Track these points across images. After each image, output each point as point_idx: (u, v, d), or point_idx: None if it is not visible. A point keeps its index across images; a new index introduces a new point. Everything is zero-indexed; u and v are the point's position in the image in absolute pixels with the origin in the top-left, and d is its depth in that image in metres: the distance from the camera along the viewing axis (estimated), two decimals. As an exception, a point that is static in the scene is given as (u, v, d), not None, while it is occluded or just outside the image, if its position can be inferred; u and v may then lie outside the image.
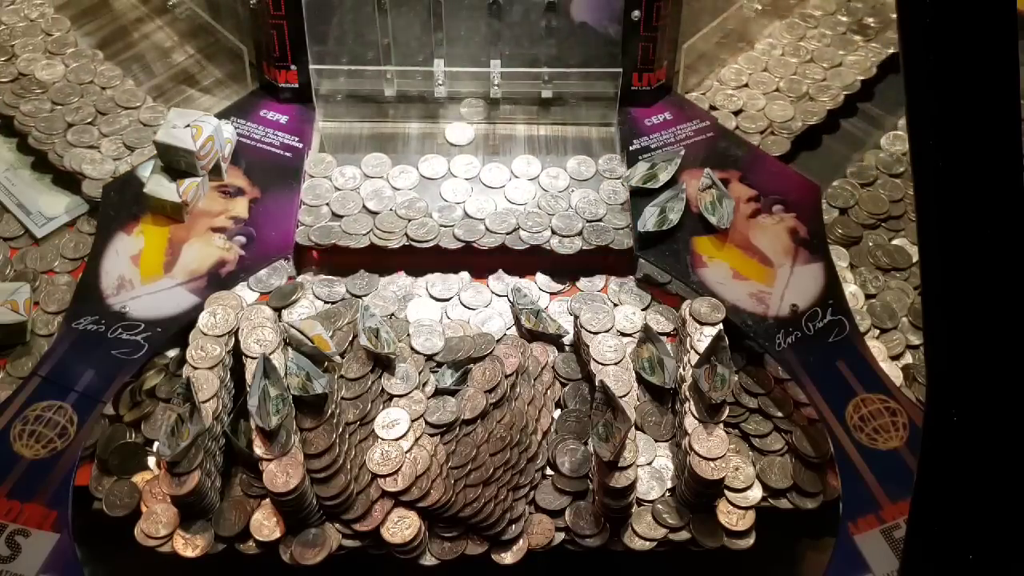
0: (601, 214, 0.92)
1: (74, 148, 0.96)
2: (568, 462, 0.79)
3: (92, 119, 0.99)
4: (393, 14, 0.96)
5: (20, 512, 0.73)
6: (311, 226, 0.90)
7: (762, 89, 1.05)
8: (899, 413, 0.79)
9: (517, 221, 0.91)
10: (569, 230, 0.90)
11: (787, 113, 1.02)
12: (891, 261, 0.93)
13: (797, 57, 1.08)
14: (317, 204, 0.92)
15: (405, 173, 0.95)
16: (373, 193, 0.93)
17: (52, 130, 0.97)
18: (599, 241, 0.90)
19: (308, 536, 0.75)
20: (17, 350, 0.85)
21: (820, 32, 1.10)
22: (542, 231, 0.91)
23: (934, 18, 0.50)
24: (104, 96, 1.01)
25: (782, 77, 1.06)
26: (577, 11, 0.97)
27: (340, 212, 0.92)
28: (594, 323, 0.84)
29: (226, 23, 1.03)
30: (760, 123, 1.01)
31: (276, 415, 0.73)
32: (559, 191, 0.94)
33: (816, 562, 0.79)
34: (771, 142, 0.99)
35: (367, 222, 0.91)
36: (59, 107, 0.99)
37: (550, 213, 0.92)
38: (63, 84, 1.01)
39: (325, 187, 0.94)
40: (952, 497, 0.53)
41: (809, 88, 1.04)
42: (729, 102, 1.03)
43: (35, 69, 1.02)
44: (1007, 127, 0.51)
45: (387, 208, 0.92)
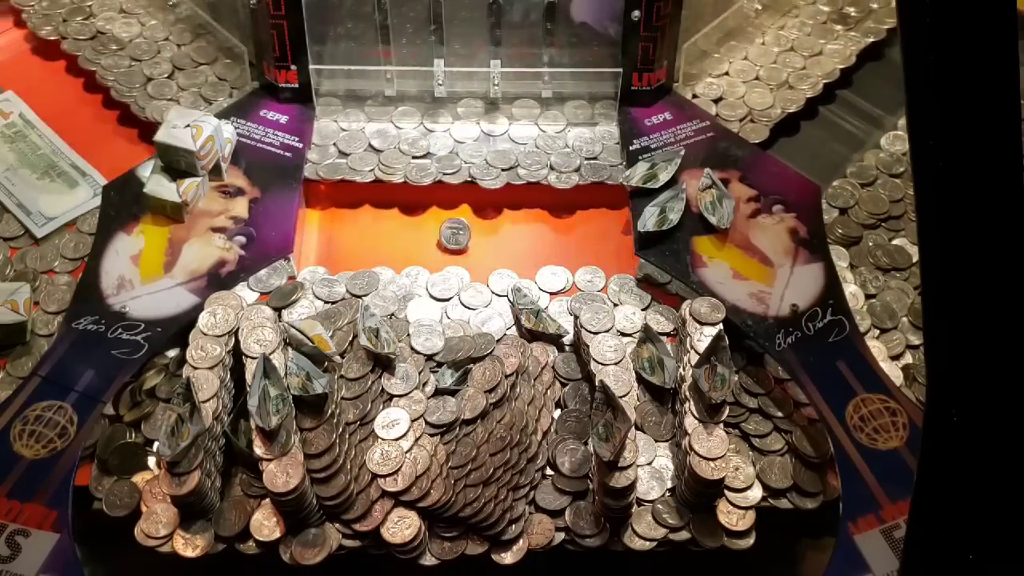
0: (597, 152, 0.97)
1: (154, 100, 1.01)
2: (568, 462, 0.79)
3: (170, 74, 1.03)
4: (393, 14, 0.96)
5: (20, 512, 0.73)
6: (319, 163, 0.96)
7: (742, 78, 1.06)
8: (899, 413, 0.79)
9: (517, 159, 0.95)
10: (567, 167, 0.95)
11: (766, 101, 1.03)
12: (891, 261, 0.93)
13: (778, 46, 1.09)
14: (324, 144, 0.98)
15: (408, 115, 1.00)
16: (377, 132, 0.99)
17: (132, 84, 1.02)
18: (595, 178, 0.95)
19: (308, 536, 0.75)
20: (17, 350, 0.85)
21: (801, 21, 1.11)
22: (540, 168, 0.95)
23: (934, 18, 0.50)
24: (180, 52, 1.05)
25: (762, 66, 1.07)
26: (577, 11, 0.97)
27: (346, 150, 0.97)
28: (594, 323, 0.84)
29: (226, 23, 1.03)
30: (740, 111, 1.02)
31: (276, 415, 0.73)
32: (557, 131, 0.99)
33: (816, 562, 0.79)
34: (750, 129, 1.00)
35: (372, 159, 0.96)
36: (137, 63, 1.04)
37: (548, 152, 0.97)
38: (140, 41, 1.06)
39: (332, 128, 0.99)
40: (952, 497, 0.53)
41: (789, 76, 1.05)
42: (709, 90, 1.04)
43: (113, 27, 1.07)
44: (1007, 127, 0.51)
45: (391, 146, 0.97)
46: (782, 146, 1.01)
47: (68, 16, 1.08)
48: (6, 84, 1.04)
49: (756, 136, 1.00)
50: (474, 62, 0.99)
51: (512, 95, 1.00)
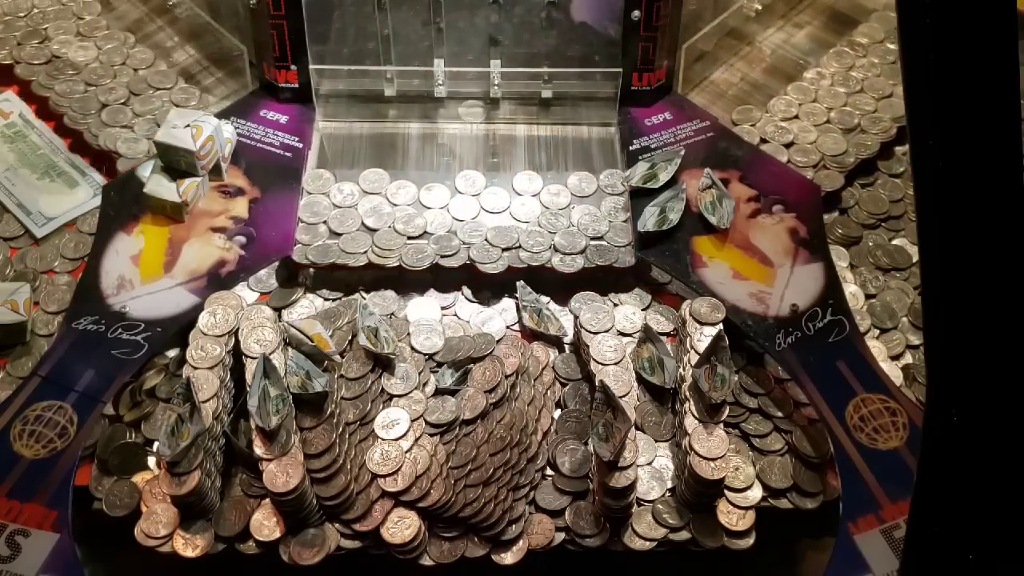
0: (604, 231, 0.91)
1: (108, 128, 0.98)
2: (568, 462, 0.79)
3: (125, 100, 1.01)
4: (393, 14, 0.96)
5: (20, 512, 0.73)
6: (309, 245, 0.89)
7: (812, 121, 1.01)
8: (899, 413, 0.79)
9: (519, 239, 0.90)
10: (571, 248, 0.89)
11: (839, 147, 0.99)
12: (891, 261, 0.93)
13: (847, 87, 1.05)
14: (315, 222, 0.90)
15: (404, 189, 0.93)
16: (372, 210, 0.91)
17: (86, 110, 0.99)
18: (602, 260, 0.88)
19: (307, 536, 0.75)
20: (17, 350, 0.84)
21: (869, 61, 1.07)
22: (543, 251, 0.89)
23: (934, 18, 0.50)
24: (136, 77, 1.03)
25: (832, 108, 1.03)
26: (577, 11, 0.97)
27: (338, 230, 0.90)
28: (594, 323, 0.84)
29: (226, 23, 1.03)
30: (813, 156, 0.98)
31: (276, 415, 0.73)
32: (560, 208, 0.93)
33: (816, 562, 0.79)
34: (824, 175, 0.97)
35: (365, 240, 0.89)
36: (92, 88, 1.01)
37: (551, 231, 0.90)
38: (96, 66, 1.03)
39: (323, 204, 0.92)
40: (952, 497, 0.53)
41: (860, 120, 1.02)
42: (780, 134, 1.00)
43: (68, 51, 1.04)
44: (1007, 127, 0.51)
45: (386, 225, 0.90)
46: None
47: (23, 40, 1.05)
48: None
49: (830, 183, 0.96)
50: (474, 62, 0.99)
51: (512, 95, 1.00)
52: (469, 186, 0.94)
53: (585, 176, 0.95)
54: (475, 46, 0.98)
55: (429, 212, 0.92)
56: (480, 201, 0.93)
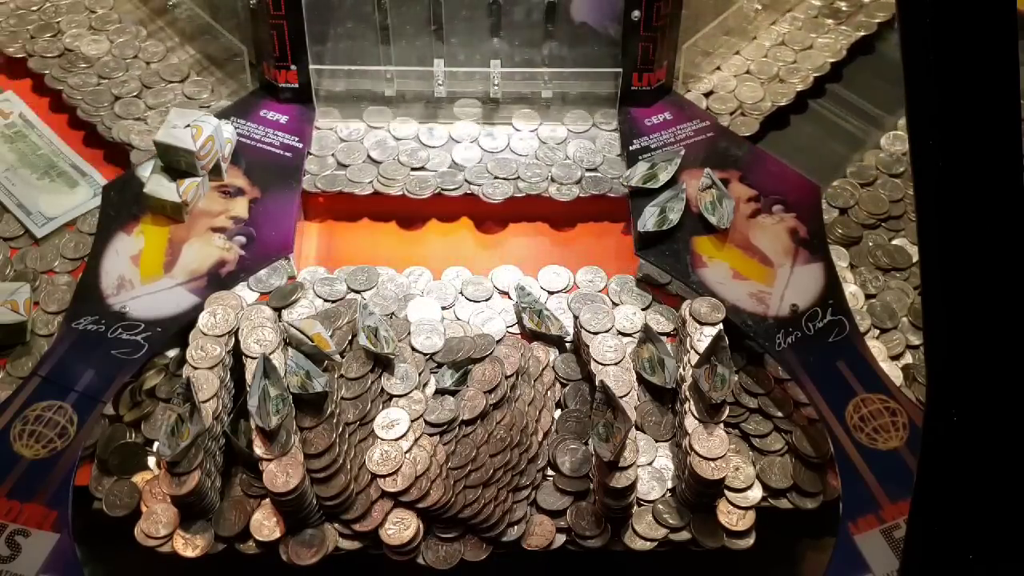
0: (598, 163, 0.96)
1: (122, 120, 0.99)
2: (568, 462, 0.79)
3: (138, 92, 1.02)
4: (393, 14, 0.96)
5: (20, 512, 0.73)
6: (317, 174, 0.95)
7: (734, 71, 1.06)
8: (899, 413, 0.79)
9: (518, 170, 0.95)
10: (568, 178, 0.94)
11: (757, 94, 1.03)
12: (891, 261, 0.93)
13: (770, 40, 1.09)
14: (323, 155, 0.97)
15: (406, 124, 0.99)
16: (376, 143, 0.98)
17: (99, 103, 1.00)
18: (596, 190, 0.94)
19: (305, 536, 0.75)
20: (17, 350, 0.85)
21: (792, 16, 1.12)
22: (541, 181, 0.94)
23: (934, 18, 0.50)
24: (149, 71, 1.04)
25: (753, 60, 1.07)
26: (577, 11, 0.97)
27: (345, 161, 0.96)
28: (594, 323, 0.84)
29: (226, 23, 1.03)
30: (730, 104, 1.02)
31: (276, 415, 0.73)
32: (557, 143, 0.98)
33: (816, 562, 0.79)
34: (740, 123, 1.01)
35: (371, 171, 0.95)
36: (105, 81, 1.02)
37: (549, 164, 0.96)
38: (109, 59, 1.04)
39: (331, 138, 0.98)
40: (952, 497, 0.53)
41: (780, 70, 1.06)
42: (700, 84, 1.04)
43: (81, 44, 1.05)
44: (1007, 127, 0.51)
45: (390, 157, 0.96)
46: (779, 144, 1.01)
47: (36, 33, 1.06)
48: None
49: (746, 129, 1.00)
50: (474, 62, 0.99)
51: (512, 95, 1.00)
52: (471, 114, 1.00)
53: (582, 114, 1.01)
54: (475, 46, 0.98)
55: (432, 145, 0.98)
56: (480, 135, 0.99)
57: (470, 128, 1.00)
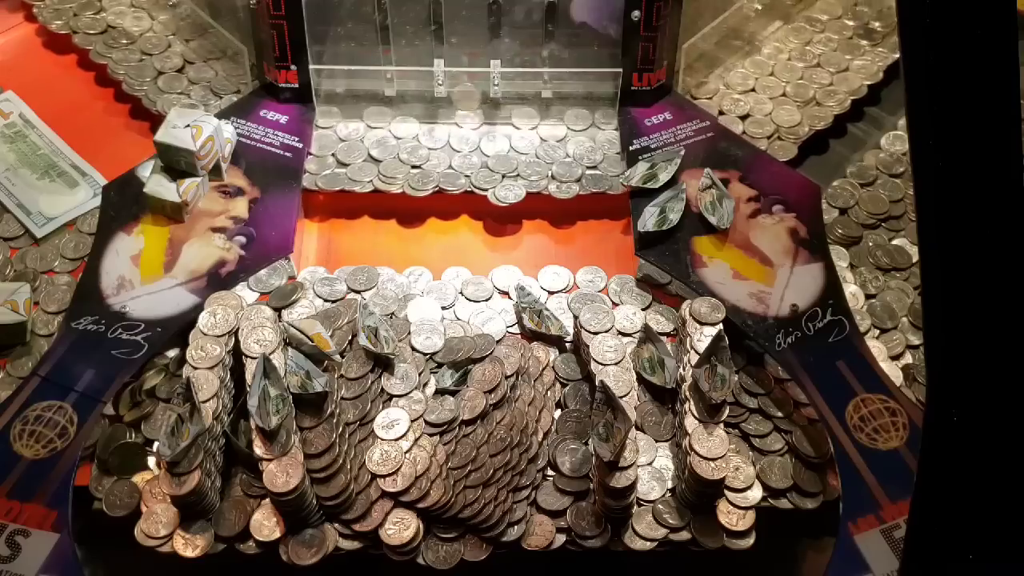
0: (598, 160, 0.96)
1: (165, 94, 1.01)
2: (569, 462, 0.79)
3: (180, 67, 1.04)
4: (393, 14, 0.96)
5: (20, 512, 0.73)
6: (317, 173, 0.95)
7: (769, 94, 1.04)
8: (899, 413, 0.79)
9: (518, 168, 0.95)
10: (568, 176, 0.95)
11: (794, 118, 1.01)
12: (891, 261, 0.93)
13: (804, 62, 1.07)
14: (323, 154, 0.97)
15: (406, 124, 1.00)
16: (377, 142, 0.98)
17: (143, 77, 1.02)
18: (596, 188, 0.94)
19: (305, 536, 0.75)
20: (17, 350, 0.84)
21: (826, 36, 1.10)
22: (541, 179, 0.95)
23: (934, 18, 0.50)
24: (189, 48, 1.06)
25: (789, 82, 1.05)
26: (577, 11, 0.97)
27: (345, 160, 0.96)
28: (594, 323, 0.84)
29: (226, 23, 1.03)
30: (767, 128, 1.00)
31: (276, 415, 0.73)
32: (557, 140, 0.99)
33: (816, 562, 0.79)
34: (778, 147, 0.99)
35: (371, 169, 0.95)
36: (148, 57, 1.04)
37: (549, 162, 0.96)
38: (151, 35, 1.06)
39: (331, 138, 0.98)
40: (952, 497, 0.53)
41: (816, 93, 1.04)
42: (736, 106, 1.02)
43: (123, 21, 1.07)
44: (1007, 127, 0.51)
45: (390, 155, 0.96)
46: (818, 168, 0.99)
47: (79, 11, 1.08)
48: (13, 80, 1.04)
49: (784, 154, 0.98)
50: (474, 62, 0.99)
51: (512, 95, 1.00)
52: (470, 123, 1.00)
53: (582, 113, 1.01)
54: (475, 46, 0.98)
55: (432, 143, 0.98)
56: (480, 134, 0.99)
57: (471, 125, 1.00)
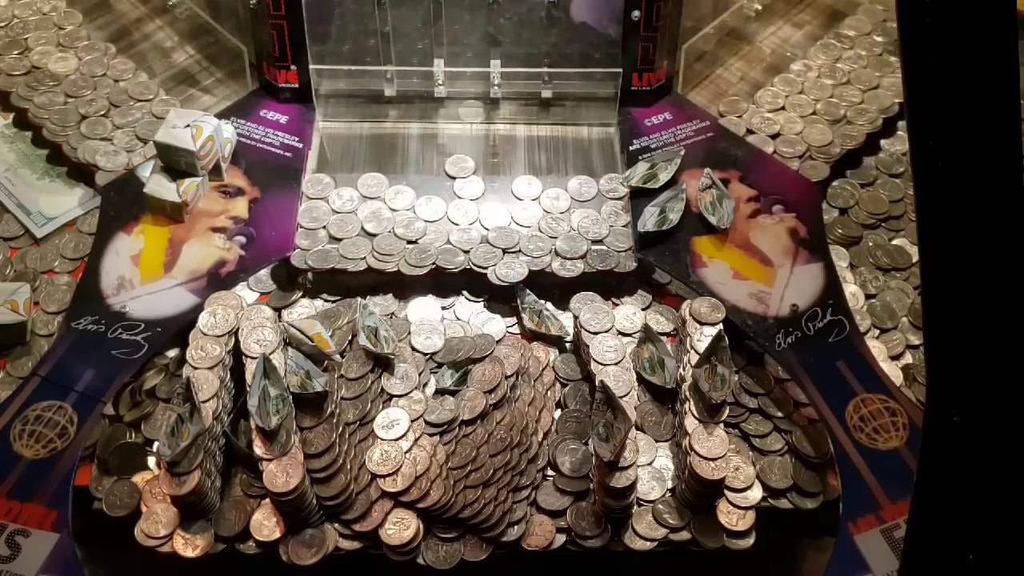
0: (604, 234, 0.90)
1: (88, 140, 0.97)
2: (569, 462, 0.79)
3: (105, 111, 0.99)
4: (393, 14, 0.96)
5: (20, 512, 0.73)
6: (308, 250, 0.88)
7: (799, 112, 1.02)
8: (899, 413, 0.79)
9: (519, 243, 0.89)
10: (573, 252, 0.88)
11: (825, 137, 0.99)
12: (891, 261, 0.93)
13: (833, 79, 1.05)
14: (314, 227, 0.90)
15: (402, 194, 0.93)
16: (371, 215, 0.91)
17: (66, 122, 0.98)
18: (603, 265, 0.88)
19: (305, 536, 0.75)
20: (17, 350, 0.84)
21: (856, 53, 1.08)
22: (544, 255, 0.88)
23: (934, 18, 0.50)
24: (117, 89, 1.01)
25: (819, 99, 1.03)
26: (577, 11, 0.97)
27: (338, 235, 0.89)
28: (594, 323, 0.84)
29: (226, 23, 1.03)
30: (798, 147, 0.98)
31: (276, 415, 0.73)
32: (560, 212, 0.92)
33: (816, 562, 0.79)
34: (809, 166, 0.97)
35: (365, 245, 0.89)
36: (72, 99, 1.00)
37: (552, 236, 0.90)
38: (76, 77, 1.02)
39: (323, 209, 0.91)
40: (952, 497, 0.53)
41: (846, 111, 1.02)
42: (766, 125, 1.00)
43: (48, 62, 1.03)
44: (1007, 127, 0.51)
45: (385, 230, 0.90)
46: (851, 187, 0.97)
47: (3, 50, 1.03)
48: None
49: (816, 174, 0.96)
50: (474, 62, 0.99)
51: (512, 95, 1.00)
52: (468, 192, 0.93)
53: (585, 180, 0.95)
54: (475, 46, 0.98)
55: (429, 215, 0.91)
56: (480, 206, 0.92)
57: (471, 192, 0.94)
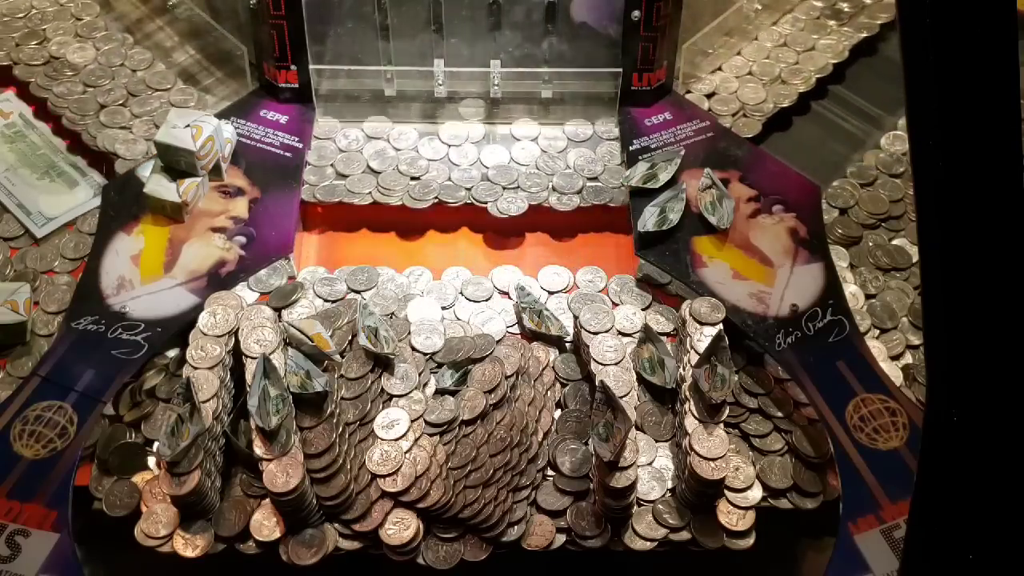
0: (599, 171, 0.96)
1: (107, 129, 0.99)
2: (568, 462, 0.79)
3: (124, 101, 1.01)
4: (393, 14, 0.96)
5: (20, 512, 0.73)
6: (316, 185, 0.94)
7: (735, 73, 1.06)
8: (899, 413, 0.79)
9: (518, 180, 0.94)
10: (569, 188, 0.94)
11: (759, 96, 1.03)
12: (891, 261, 0.93)
13: (771, 41, 1.09)
14: (322, 165, 0.96)
15: (405, 135, 0.99)
16: (376, 154, 0.97)
17: (84, 111, 1.00)
18: (597, 200, 0.93)
19: (305, 536, 0.75)
20: (17, 350, 0.85)
21: (794, 17, 1.12)
22: (542, 191, 0.94)
23: (934, 18, 0.50)
24: (135, 78, 1.03)
25: (755, 61, 1.07)
26: (577, 11, 0.97)
27: (344, 171, 0.95)
28: (594, 323, 0.84)
29: (226, 23, 1.03)
30: (732, 105, 1.02)
31: (276, 415, 0.73)
32: (558, 152, 0.98)
33: (816, 562, 0.79)
34: (742, 124, 1.01)
35: (370, 181, 0.94)
36: (91, 89, 1.02)
37: (550, 173, 0.95)
38: (94, 67, 1.04)
39: (330, 148, 0.97)
40: (952, 497, 0.53)
41: (782, 71, 1.05)
42: (702, 85, 1.04)
43: (67, 52, 1.04)
44: (1007, 127, 0.51)
45: (389, 167, 0.95)
46: (779, 144, 1.01)
47: (22, 40, 1.05)
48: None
49: (748, 131, 1.00)
50: (474, 62, 0.99)
51: (512, 95, 1.00)
52: (469, 134, 1.00)
53: (581, 123, 1.00)
54: (475, 46, 0.98)
55: (432, 154, 0.97)
56: (480, 147, 0.98)
57: (472, 136, 0.99)
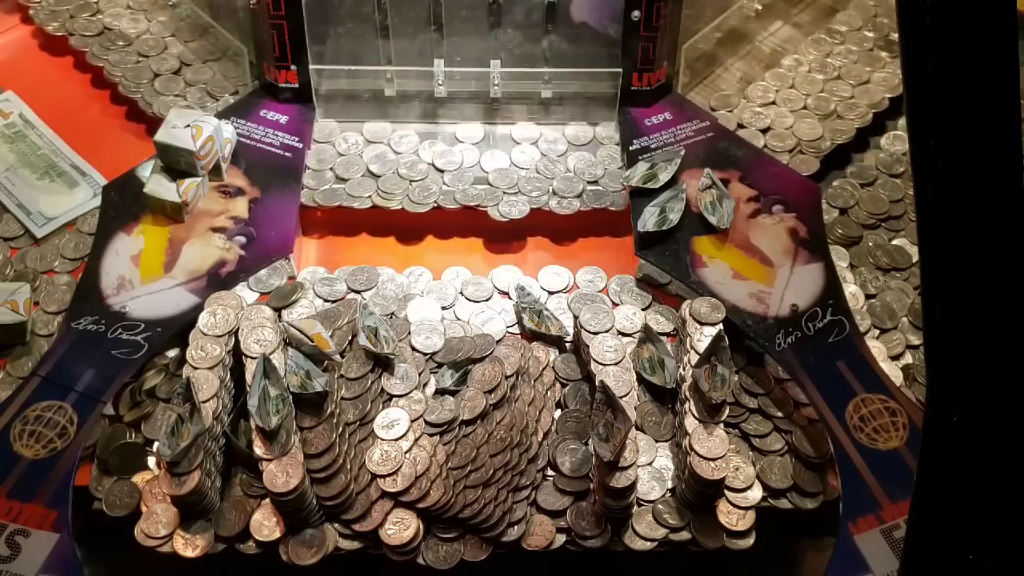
0: (599, 175, 0.96)
1: (162, 96, 1.01)
2: (569, 462, 0.79)
3: (177, 69, 1.04)
4: (393, 14, 0.96)
5: (20, 512, 0.73)
6: (315, 189, 0.94)
7: (789, 107, 1.03)
8: (899, 413, 0.79)
9: (518, 183, 0.94)
10: (569, 192, 0.94)
11: (815, 132, 1.00)
12: (891, 261, 0.93)
13: (824, 74, 1.06)
14: (322, 169, 0.96)
15: (406, 138, 0.99)
16: (375, 157, 0.97)
17: (139, 79, 1.02)
18: (598, 203, 0.93)
19: (305, 536, 0.75)
20: (17, 350, 0.85)
21: (847, 48, 1.09)
22: (542, 195, 0.94)
23: (934, 18, 0.50)
24: (187, 49, 1.06)
25: (809, 94, 1.04)
26: (577, 11, 0.97)
27: (344, 175, 0.95)
28: (594, 323, 0.84)
29: (226, 23, 1.03)
30: (788, 142, 0.99)
31: (276, 415, 0.74)
32: (558, 155, 0.98)
33: (816, 562, 0.79)
34: (799, 161, 0.98)
35: (370, 185, 0.94)
36: (144, 59, 1.04)
37: (550, 177, 0.95)
38: (148, 37, 1.06)
39: (329, 152, 0.97)
40: (952, 497, 0.53)
41: (837, 106, 1.03)
42: (757, 120, 1.01)
43: (120, 23, 1.07)
44: (1007, 127, 0.51)
45: (389, 171, 0.95)
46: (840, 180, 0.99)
47: (75, 12, 1.08)
48: (11, 81, 1.04)
49: (806, 168, 0.97)
50: (474, 62, 0.99)
51: (512, 95, 1.00)
52: (469, 136, 1.00)
53: (582, 127, 1.00)
54: (475, 46, 0.98)
55: (432, 157, 0.97)
56: (480, 151, 0.98)
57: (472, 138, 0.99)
